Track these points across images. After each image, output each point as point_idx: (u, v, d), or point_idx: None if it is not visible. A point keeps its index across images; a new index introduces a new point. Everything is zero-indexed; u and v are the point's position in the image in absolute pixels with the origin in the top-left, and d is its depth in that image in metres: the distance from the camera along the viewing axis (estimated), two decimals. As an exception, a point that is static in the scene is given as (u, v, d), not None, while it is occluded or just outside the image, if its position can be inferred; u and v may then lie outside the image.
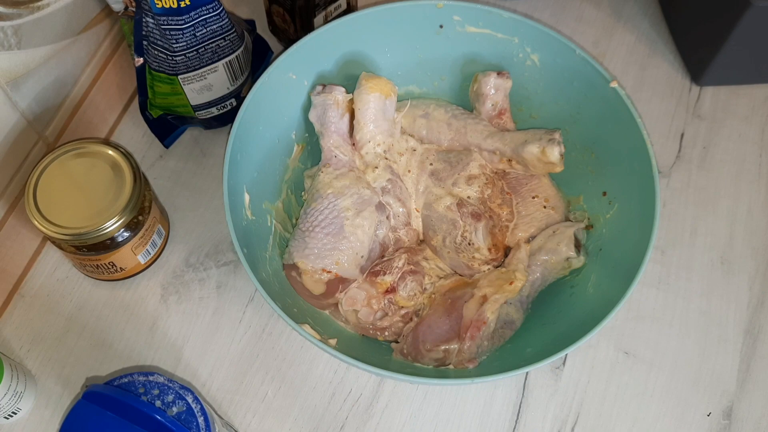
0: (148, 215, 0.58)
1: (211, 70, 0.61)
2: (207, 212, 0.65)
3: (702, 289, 0.63)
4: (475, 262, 0.58)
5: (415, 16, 0.62)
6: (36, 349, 0.59)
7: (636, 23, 0.77)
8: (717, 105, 0.72)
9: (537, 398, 0.58)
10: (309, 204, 0.59)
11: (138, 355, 0.59)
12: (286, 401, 0.58)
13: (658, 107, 0.72)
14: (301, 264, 0.56)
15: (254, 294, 0.62)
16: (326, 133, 0.60)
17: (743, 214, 0.66)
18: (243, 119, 0.56)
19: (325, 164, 0.60)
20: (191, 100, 0.63)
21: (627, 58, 0.74)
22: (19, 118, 0.61)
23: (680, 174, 0.68)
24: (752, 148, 0.69)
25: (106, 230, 0.54)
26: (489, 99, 0.62)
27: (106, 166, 0.56)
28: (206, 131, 0.69)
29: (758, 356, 0.60)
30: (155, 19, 0.57)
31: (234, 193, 0.54)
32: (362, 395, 0.58)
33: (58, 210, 0.55)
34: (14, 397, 0.54)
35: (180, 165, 0.68)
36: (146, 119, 0.64)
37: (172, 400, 0.49)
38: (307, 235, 0.57)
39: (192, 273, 0.63)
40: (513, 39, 0.61)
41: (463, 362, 0.53)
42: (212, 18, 0.58)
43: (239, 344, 0.60)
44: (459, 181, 0.60)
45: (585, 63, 0.58)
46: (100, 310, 0.61)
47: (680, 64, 0.74)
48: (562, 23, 0.76)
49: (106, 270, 0.59)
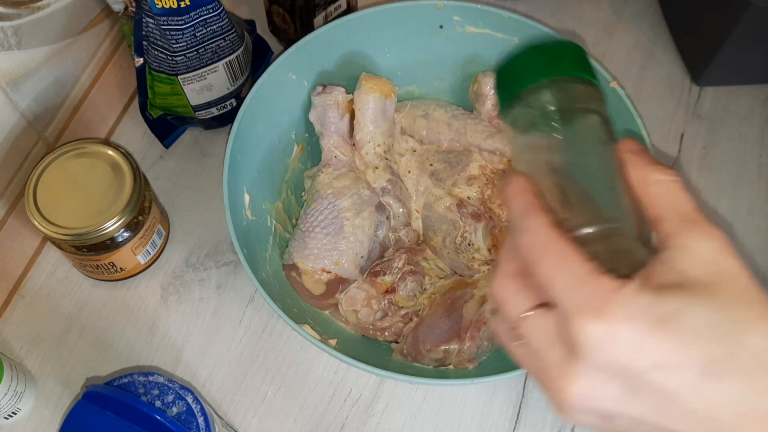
0: (148, 215, 0.58)
1: (211, 71, 0.61)
2: (207, 212, 0.65)
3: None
4: (475, 262, 0.58)
5: (415, 17, 0.62)
6: (36, 350, 0.59)
7: (636, 23, 0.77)
8: (717, 105, 0.72)
9: (537, 398, 0.58)
10: (309, 204, 0.59)
11: (138, 355, 0.59)
12: (286, 401, 0.58)
13: (658, 107, 0.72)
14: (301, 264, 0.56)
15: (254, 294, 0.62)
16: (326, 133, 0.60)
17: (743, 215, 0.66)
18: (243, 119, 0.56)
19: (325, 164, 0.60)
20: (191, 100, 0.63)
21: (627, 58, 0.74)
22: (19, 119, 0.61)
23: (680, 174, 0.68)
24: (752, 149, 0.69)
25: (106, 230, 0.54)
26: (489, 99, 0.62)
27: (106, 166, 0.56)
28: (206, 131, 0.69)
29: None
30: (155, 20, 0.57)
31: (234, 194, 0.54)
32: (362, 395, 0.58)
33: (58, 210, 0.55)
34: (14, 397, 0.54)
35: (180, 165, 0.68)
36: (146, 119, 0.64)
37: (172, 401, 0.49)
38: (307, 236, 0.57)
39: (192, 273, 0.63)
40: (513, 39, 0.61)
41: (463, 362, 0.53)
42: (212, 18, 0.58)
43: (239, 344, 0.60)
44: (459, 182, 0.60)
45: (585, 63, 0.58)
46: (100, 310, 0.61)
47: (680, 64, 0.74)
48: (562, 23, 0.76)
49: (106, 270, 0.59)
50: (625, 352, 0.27)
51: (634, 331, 0.27)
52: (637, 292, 0.28)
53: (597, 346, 0.27)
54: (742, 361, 0.27)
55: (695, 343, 0.27)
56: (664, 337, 0.27)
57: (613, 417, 0.29)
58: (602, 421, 0.30)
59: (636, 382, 0.28)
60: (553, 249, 0.30)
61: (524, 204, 0.31)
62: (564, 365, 0.29)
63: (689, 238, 0.29)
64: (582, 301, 0.28)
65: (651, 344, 0.27)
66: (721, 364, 0.27)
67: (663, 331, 0.27)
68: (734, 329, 0.27)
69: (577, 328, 0.28)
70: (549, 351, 0.30)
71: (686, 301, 0.27)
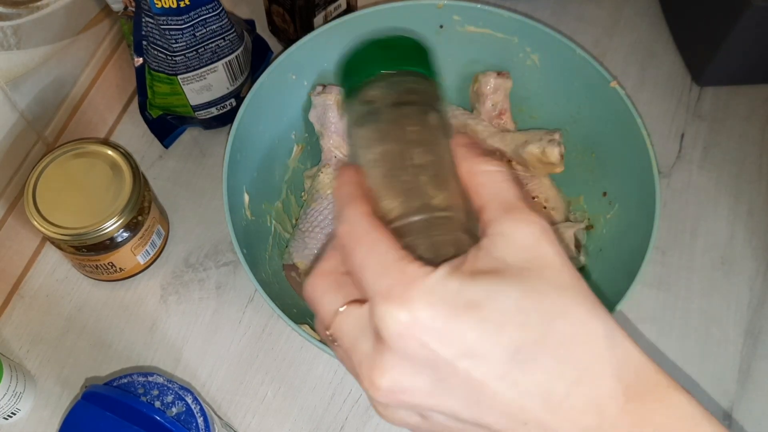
0: (148, 215, 0.58)
1: (210, 70, 0.61)
2: (207, 212, 0.65)
3: (702, 290, 0.63)
4: (475, 262, 0.58)
5: (415, 16, 0.62)
6: (35, 350, 0.59)
7: (636, 23, 0.76)
8: (717, 105, 0.72)
9: (537, 399, 0.58)
10: (309, 204, 0.59)
11: (137, 355, 0.59)
12: (285, 402, 0.58)
13: (658, 107, 0.72)
14: (300, 264, 0.56)
15: (254, 294, 0.62)
16: (326, 133, 0.60)
17: (744, 215, 0.66)
18: (243, 119, 0.56)
19: (325, 164, 0.60)
20: (191, 100, 0.63)
21: (627, 58, 0.74)
22: (19, 118, 0.61)
23: (681, 174, 0.68)
24: (752, 148, 0.69)
25: (105, 230, 0.54)
26: (489, 99, 0.62)
27: (105, 166, 0.56)
28: (206, 131, 0.69)
29: (759, 357, 0.60)
30: (155, 19, 0.57)
31: (234, 193, 0.54)
32: (362, 396, 0.58)
33: (58, 210, 0.54)
34: (13, 397, 0.54)
35: (180, 165, 0.68)
36: (146, 119, 0.64)
37: (171, 401, 0.49)
38: (307, 236, 0.57)
39: (192, 273, 0.62)
40: (513, 39, 0.61)
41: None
42: (212, 18, 0.58)
43: (239, 345, 0.60)
44: (459, 182, 0.60)
45: (585, 63, 0.58)
46: (99, 310, 0.61)
47: (681, 64, 0.74)
48: (562, 23, 0.76)
49: (105, 270, 0.59)
50: (429, 341, 0.26)
51: (437, 319, 0.26)
52: (444, 279, 0.27)
53: (400, 335, 0.26)
54: (551, 349, 0.26)
55: (502, 329, 0.26)
56: (470, 324, 0.26)
57: (429, 414, 0.28)
58: (421, 419, 0.29)
59: (444, 373, 0.26)
60: (367, 237, 0.29)
61: (347, 194, 0.30)
62: (372, 357, 0.28)
63: (508, 225, 0.29)
64: (386, 289, 0.27)
65: (455, 331, 0.26)
66: (530, 352, 0.26)
67: (468, 318, 0.26)
68: (544, 316, 0.26)
69: (380, 316, 0.26)
70: (359, 345, 0.28)
71: (495, 288, 0.27)
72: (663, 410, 0.27)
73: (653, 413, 0.27)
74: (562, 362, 0.26)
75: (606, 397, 0.26)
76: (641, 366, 0.28)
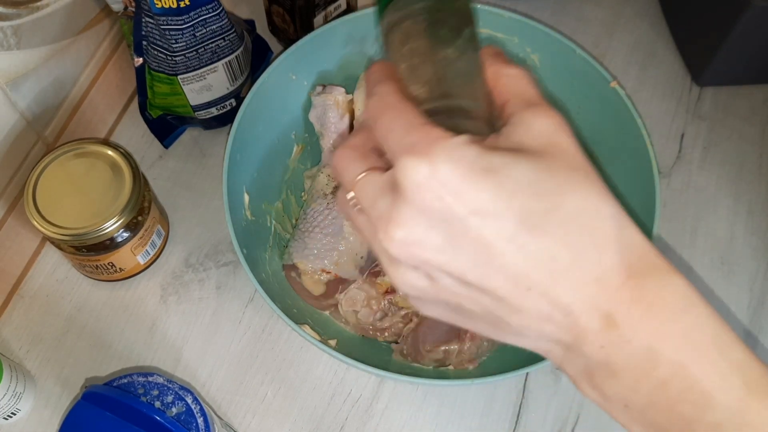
0: (148, 215, 0.58)
1: (210, 71, 0.61)
2: (207, 212, 0.65)
3: (702, 290, 0.62)
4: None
5: (415, 16, 0.62)
6: (35, 350, 0.59)
7: (636, 23, 0.76)
8: (717, 105, 0.72)
9: (537, 399, 0.58)
10: (309, 204, 0.59)
11: (137, 355, 0.59)
12: (285, 402, 0.58)
13: (658, 107, 0.72)
14: (300, 264, 0.56)
15: (254, 294, 0.62)
16: (326, 133, 0.60)
17: (743, 215, 0.66)
18: (243, 119, 0.56)
19: (325, 164, 0.60)
20: (191, 100, 0.63)
21: (627, 58, 0.74)
22: (19, 119, 0.61)
23: (680, 174, 0.68)
24: (752, 149, 0.69)
25: (105, 230, 0.54)
26: (489, 99, 0.62)
27: (105, 166, 0.56)
28: (206, 131, 0.69)
29: (759, 357, 0.60)
30: (155, 19, 0.57)
31: (233, 194, 0.54)
32: (362, 396, 0.58)
33: (58, 210, 0.54)
34: (13, 397, 0.54)
35: (180, 165, 0.68)
36: (146, 119, 0.64)
37: (171, 401, 0.49)
38: (307, 236, 0.57)
39: (191, 273, 0.62)
40: (513, 39, 0.61)
41: (463, 363, 0.53)
42: (212, 18, 0.58)
43: (239, 345, 0.60)
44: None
45: (585, 63, 0.58)
46: (99, 310, 0.61)
47: (680, 64, 0.74)
48: (562, 23, 0.76)
49: (105, 270, 0.59)
50: (444, 195, 0.27)
51: (455, 176, 0.27)
52: (466, 143, 0.28)
53: (419, 186, 0.27)
54: (560, 219, 0.27)
55: (515, 195, 0.27)
56: (485, 185, 0.27)
57: (438, 276, 0.29)
58: (428, 283, 0.30)
59: (456, 230, 0.28)
60: (395, 107, 0.30)
61: (377, 77, 0.32)
62: (389, 210, 0.29)
63: (528, 115, 0.30)
64: (410, 144, 0.28)
65: (471, 189, 0.27)
66: (539, 219, 0.27)
67: (484, 180, 0.27)
68: (556, 189, 0.28)
69: (402, 168, 0.28)
70: (378, 203, 0.30)
71: (512, 159, 0.28)
72: (660, 289, 0.29)
73: (651, 291, 0.28)
74: (570, 233, 0.27)
75: (609, 270, 0.28)
76: (644, 249, 0.29)
